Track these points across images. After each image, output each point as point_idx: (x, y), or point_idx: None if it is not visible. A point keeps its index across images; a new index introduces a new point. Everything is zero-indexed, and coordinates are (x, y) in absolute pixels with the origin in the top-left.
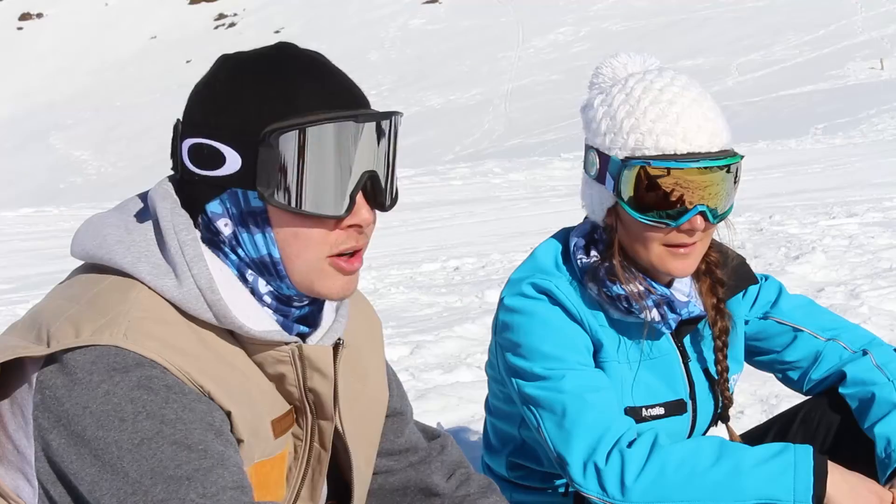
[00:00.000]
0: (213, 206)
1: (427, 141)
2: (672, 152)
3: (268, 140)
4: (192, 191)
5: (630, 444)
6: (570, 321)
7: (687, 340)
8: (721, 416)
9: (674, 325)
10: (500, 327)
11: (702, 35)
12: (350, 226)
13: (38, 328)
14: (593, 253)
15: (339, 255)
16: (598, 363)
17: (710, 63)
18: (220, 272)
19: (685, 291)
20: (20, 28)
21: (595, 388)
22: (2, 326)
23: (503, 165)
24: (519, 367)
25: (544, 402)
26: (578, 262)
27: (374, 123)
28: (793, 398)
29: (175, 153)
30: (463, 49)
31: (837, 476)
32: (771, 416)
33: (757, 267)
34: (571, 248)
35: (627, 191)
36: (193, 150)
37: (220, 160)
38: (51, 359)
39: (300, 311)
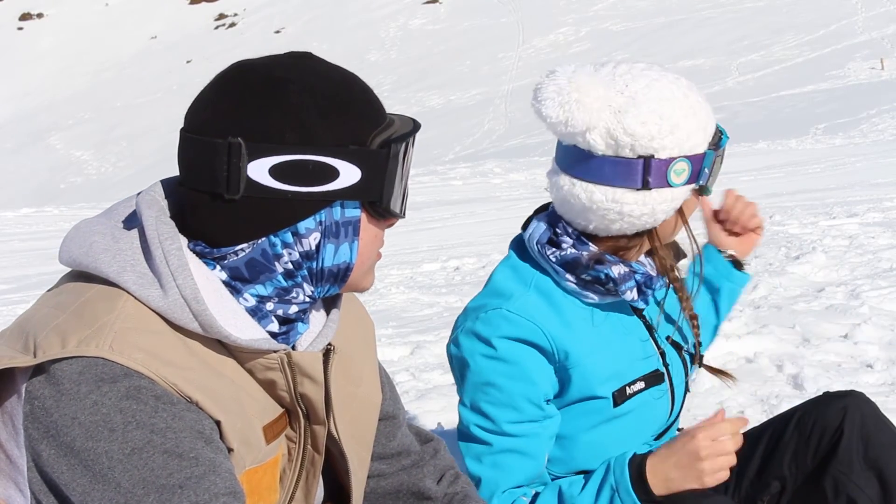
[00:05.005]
0: (308, 223)
1: (427, 141)
2: None
3: (388, 150)
4: (270, 208)
5: None
6: (523, 354)
7: (647, 313)
8: (694, 358)
9: (650, 301)
10: (450, 358)
11: (702, 35)
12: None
13: (25, 337)
14: (564, 245)
15: None
16: (569, 369)
17: (710, 63)
18: (205, 281)
19: (651, 266)
20: (20, 28)
21: (518, 450)
22: (1, 326)
23: (503, 165)
24: (461, 411)
25: (471, 455)
26: (554, 256)
27: None
28: (793, 398)
29: (232, 173)
30: (463, 49)
31: (658, 473)
32: (770, 416)
33: (757, 267)
34: (536, 250)
35: None
36: (284, 168)
37: (330, 174)
38: (39, 369)
39: (305, 317)
